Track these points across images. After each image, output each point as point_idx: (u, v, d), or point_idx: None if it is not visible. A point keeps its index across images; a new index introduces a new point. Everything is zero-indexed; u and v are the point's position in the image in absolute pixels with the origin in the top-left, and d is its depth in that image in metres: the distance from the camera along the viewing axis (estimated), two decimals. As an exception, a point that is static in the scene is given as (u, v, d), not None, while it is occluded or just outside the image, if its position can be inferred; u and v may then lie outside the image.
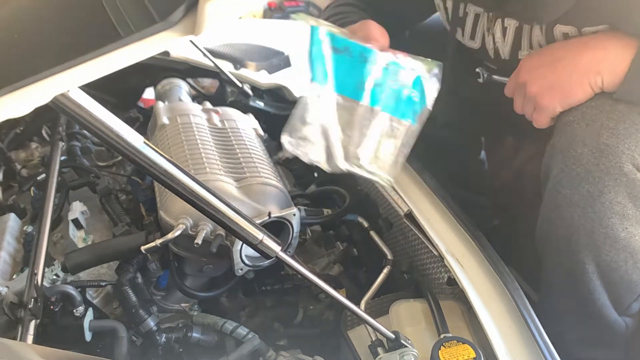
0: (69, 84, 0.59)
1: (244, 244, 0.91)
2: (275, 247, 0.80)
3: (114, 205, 1.19)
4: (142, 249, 0.95)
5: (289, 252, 1.05)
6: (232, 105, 1.44)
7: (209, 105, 1.33)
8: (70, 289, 0.95)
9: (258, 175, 1.07)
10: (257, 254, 0.86)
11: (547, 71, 0.94)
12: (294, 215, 1.01)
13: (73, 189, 1.26)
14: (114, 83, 0.90)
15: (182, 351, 1.00)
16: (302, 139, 0.88)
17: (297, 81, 1.58)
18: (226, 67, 1.58)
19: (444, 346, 0.82)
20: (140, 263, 1.02)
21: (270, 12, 3.88)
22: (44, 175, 1.30)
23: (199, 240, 0.91)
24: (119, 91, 1.60)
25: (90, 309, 0.96)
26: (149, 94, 1.73)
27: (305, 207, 1.11)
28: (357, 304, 0.94)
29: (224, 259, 0.98)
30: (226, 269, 1.04)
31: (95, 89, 0.68)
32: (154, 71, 1.63)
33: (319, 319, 1.08)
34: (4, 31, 0.70)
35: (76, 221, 1.13)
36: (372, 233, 1.14)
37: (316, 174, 1.38)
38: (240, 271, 0.99)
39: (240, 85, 1.53)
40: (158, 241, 0.94)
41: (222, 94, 1.55)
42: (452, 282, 0.95)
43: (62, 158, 1.30)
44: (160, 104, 1.32)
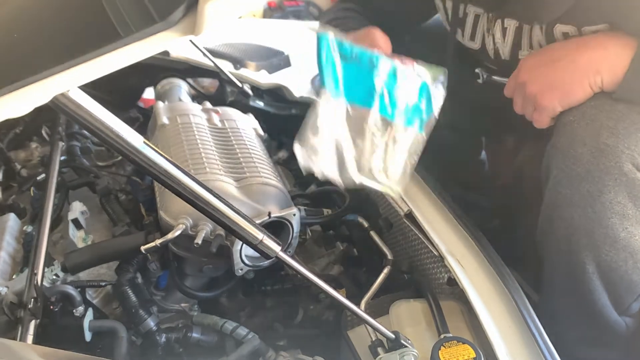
0: (68, 83, 0.59)
1: (244, 244, 0.91)
2: (275, 247, 0.80)
3: (113, 205, 1.19)
4: (142, 249, 0.95)
5: (289, 252, 1.05)
6: (232, 105, 1.44)
7: (208, 105, 1.33)
8: (70, 289, 0.94)
9: (258, 175, 1.07)
10: (257, 254, 0.86)
11: (546, 71, 0.93)
12: (294, 215, 1.01)
13: (73, 188, 1.26)
14: (113, 83, 0.90)
15: (182, 351, 1.00)
16: (313, 150, 0.85)
17: (297, 81, 1.58)
18: (226, 67, 1.59)
19: (444, 346, 0.81)
20: (140, 263, 1.02)
21: (270, 12, 3.88)
22: (43, 175, 1.30)
23: (198, 240, 0.91)
24: (119, 91, 1.60)
25: (90, 309, 0.96)
26: (148, 93, 1.73)
27: (305, 207, 1.11)
28: (357, 304, 0.93)
29: (223, 259, 0.98)
30: (226, 269, 1.04)
31: (95, 88, 0.68)
32: (153, 71, 1.63)
33: (319, 319, 1.08)
34: (3, 31, 0.70)
35: (76, 221, 1.13)
36: (372, 233, 1.14)
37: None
38: (240, 271, 0.99)
39: (240, 85, 1.53)
40: (158, 241, 0.94)
41: (222, 93, 1.55)
42: (452, 282, 0.95)
43: (62, 158, 1.29)
44: (160, 103, 1.32)
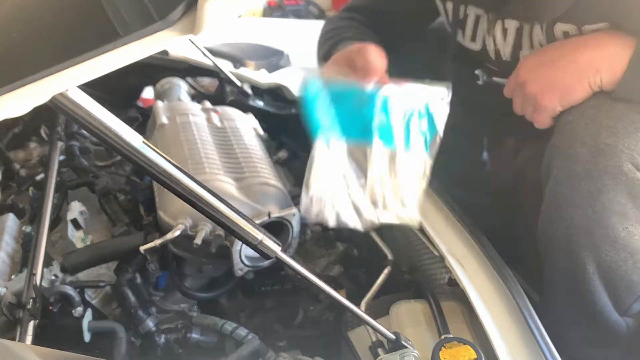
0: (67, 83, 0.58)
1: (244, 245, 0.91)
2: (275, 247, 0.80)
3: (112, 205, 1.19)
4: (141, 249, 0.95)
5: (289, 252, 1.04)
6: (232, 104, 1.44)
7: (208, 104, 1.33)
8: (69, 290, 0.94)
9: (258, 175, 1.06)
10: (256, 255, 0.86)
11: (546, 70, 0.93)
12: (294, 215, 1.01)
13: (72, 188, 1.25)
14: (113, 82, 0.90)
15: (181, 352, 1.00)
16: (320, 200, 0.82)
17: (297, 80, 1.58)
18: (226, 66, 1.58)
19: (445, 347, 0.81)
20: (139, 263, 1.01)
21: (270, 11, 3.88)
22: (42, 175, 1.29)
23: (198, 241, 0.91)
24: (118, 90, 1.59)
25: (89, 310, 0.96)
26: (148, 93, 1.73)
27: (305, 207, 1.11)
28: (358, 304, 0.93)
29: (223, 260, 0.98)
30: (225, 269, 1.04)
31: (94, 88, 0.68)
32: (153, 70, 1.62)
33: (319, 319, 1.08)
34: (2, 31, 0.69)
35: (75, 221, 1.13)
36: (373, 233, 1.13)
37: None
38: (239, 272, 0.99)
39: (239, 84, 1.52)
40: (157, 241, 0.94)
41: (222, 93, 1.55)
42: (453, 282, 0.95)
43: (61, 158, 1.29)
44: (160, 103, 1.32)
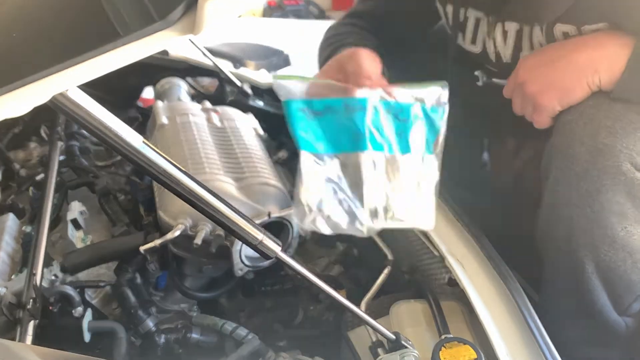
0: (67, 83, 0.58)
1: (244, 245, 0.91)
2: (275, 247, 0.80)
3: (112, 205, 1.19)
4: (141, 249, 0.95)
5: (289, 252, 1.04)
6: (232, 104, 1.44)
7: (208, 104, 1.33)
8: (69, 290, 0.94)
9: (258, 175, 1.06)
10: (256, 255, 0.86)
11: (545, 70, 0.94)
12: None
13: (72, 188, 1.25)
14: (113, 82, 0.90)
15: (181, 352, 1.00)
16: (311, 208, 0.82)
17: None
18: (226, 66, 1.58)
19: (445, 347, 0.81)
20: (139, 263, 1.01)
21: (270, 11, 3.89)
22: (42, 175, 1.29)
23: (198, 241, 0.91)
24: (118, 90, 1.59)
25: (89, 310, 0.96)
26: (148, 93, 1.73)
27: (305, 207, 1.11)
28: (358, 304, 0.93)
29: (223, 260, 0.98)
30: (225, 269, 1.04)
31: (94, 88, 0.68)
32: (153, 70, 1.62)
33: (319, 319, 1.08)
34: (2, 30, 0.69)
35: (75, 221, 1.13)
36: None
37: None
38: (239, 272, 0.99)
39: (239, 84, 1.53)
40: (157, 241, 0.94)
41: (222, 93, 1.55)
42: (453, 282, 0.95)
43: (61, 158, 1.29)
44: (160, 103, 1.32)
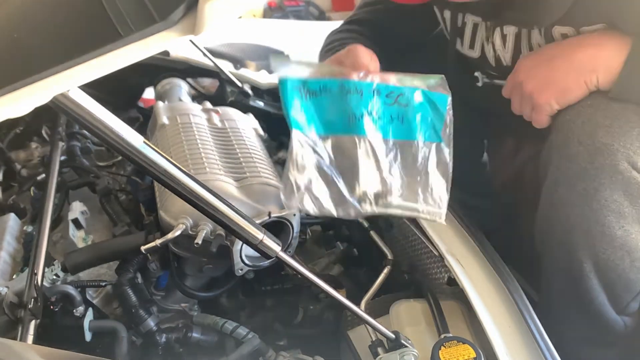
0: (68, 83, 0.59)
1: (244, 244, 0.91)
2: (276, 247, 0.80)
3: (113, 205, 1.19)
4: (142, 249, 0.95)
5: (289, 252, 1.04)
6: (232, 105, 1.44)
7: (208, 105, 1.33)
8: (70, 289, 0.94)
9: (258, 175, 1.06)
10: (257, 254, 0.86)
11: (543, 69, 0.94)
12: (294, 215, 1.01)
13: (73, 189, 1.26)
14: (113, 83, 0.90)
15: (182, 351, 1.00)
16: (297, 188, 0.81)
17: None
18: (226, 67, 1.59)
19: (444, 346, 0.81)
20: (140, 263, 1.01)
21: (270, 12, 3.89)
22: (43, 175, 1.30)
23: (199, 240, 0.91)
24: (119, 91, 1.60)
25: (90, 309, 0.96)
26: (148, 93, 1.73)
27: (306, 207, 1.11)
28: (358, 304, 0.93)
29: (224, 259, 0.98)
30: (226, 269, 1.04)
31: (95, 88, 0.68)
32: (153, 71, 1.63)
33: (319, 319, 1.08)
34: (3, 31, 0.70)
35: (76, 221, 1.14)
36: (372, 233, 1.14)
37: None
38: (240, 271, 0.99)
39: (240, 85, 1.53)
40: (158, 241, 0.94)
41: (222, 93, 1.55)
42: (453, 282, 0.95)
43: (62, 158, 1.29)
44: (160, 103, 1.32)
